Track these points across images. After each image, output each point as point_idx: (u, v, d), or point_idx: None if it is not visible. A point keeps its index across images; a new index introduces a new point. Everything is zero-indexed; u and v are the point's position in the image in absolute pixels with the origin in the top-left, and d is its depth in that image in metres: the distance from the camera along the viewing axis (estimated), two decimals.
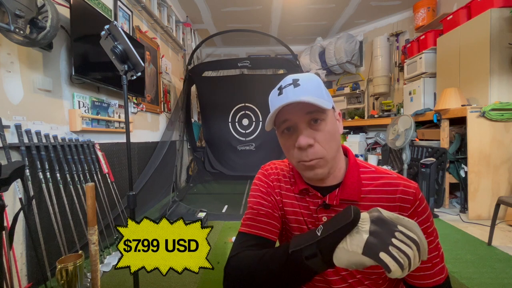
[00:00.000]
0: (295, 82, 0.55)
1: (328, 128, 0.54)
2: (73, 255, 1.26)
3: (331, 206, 0.58)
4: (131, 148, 1.24)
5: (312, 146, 0.53)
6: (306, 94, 0.52)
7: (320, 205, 0.59)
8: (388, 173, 0.60)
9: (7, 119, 1.35)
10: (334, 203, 0.57)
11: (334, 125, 0.56)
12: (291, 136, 0.56)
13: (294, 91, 0.53)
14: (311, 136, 0.53)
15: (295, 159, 0.56)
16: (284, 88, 0.55)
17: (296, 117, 0.54)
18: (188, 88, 3.89)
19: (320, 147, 0.54)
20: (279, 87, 0.57)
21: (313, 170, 0.55)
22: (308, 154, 0.53)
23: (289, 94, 0.53)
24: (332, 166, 0.57)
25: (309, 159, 0.53)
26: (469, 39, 2.62)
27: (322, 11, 4.02)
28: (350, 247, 0.37)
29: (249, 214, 0.62)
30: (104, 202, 1.91)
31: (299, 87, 0.53)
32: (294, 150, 0.55)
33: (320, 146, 0.54)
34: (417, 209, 0.54)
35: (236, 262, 0.53)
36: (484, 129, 2.35)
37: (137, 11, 2.78)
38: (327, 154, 0.54)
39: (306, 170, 0.56)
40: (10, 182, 0.74)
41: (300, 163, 0.56)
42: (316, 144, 0.53)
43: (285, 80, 0.57)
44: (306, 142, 0.52)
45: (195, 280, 1.50)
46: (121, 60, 1.15)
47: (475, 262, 1.64)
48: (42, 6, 1.39)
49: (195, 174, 4.19)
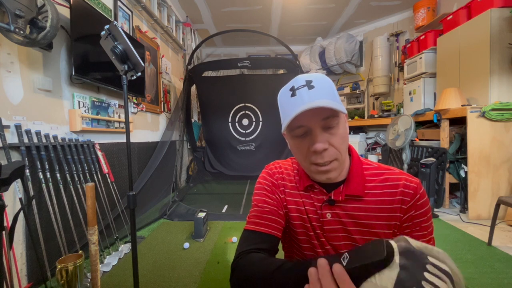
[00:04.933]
0: (308, 83, 0.53)
1: (341, 132, 0.55)
2: (73, 255, 1.27)
3: (336, 202, 0.59)
4: (131, 148, 1.24)
5: (327, 150, 0.54)
6: (322, 97, 0.51)
7: (325, 201, 0.60)
8: (391, 169, 0.61)
9: (7, 119, 1.35)
10: (339, 199, 0.58)
11: (345, 128, 0.57)
12: (304, 139, 0.55)
13: (309, 93, 0.52)
14: (326, 140, 0.53)
15: (308, 161, 0.56)
16: (298, 90, 0.53)
17: (311, 123, 0.53)
18: (188, 88, 3.89)
19: (334, 149, 0.54)
20: (291, 87, 0.55)
21: (326, 174, 0.56)
22: (324, 157, 0.54)
23: (304, 97, 0.52)
24: (342, 167, 0.58)
25: (324, 161, 0.54)
26: (469, 39, 2.62)
27: (322, 11, 4.02)
28: (379, 282, 0.34)
29: (254, 212, 0.63)
30: (104, 202, 1.91)
31: (313, 90, 0.52)
32: (308, 153, 0.55)
33: (334, 148, 0.54)
34: (416, 202, 0.55)
35: (245, 264, 0.53)
36: (484, 129, 2.35)
37: (137, 11, 2.78)
38: (340, 156, 0.55)
39: (318, 174, 0.56)
40: (10, 182, 0.74)
41: (314, 166, 0.56)
42: (330, 147, 0.54)
43: (297, 81, 0.55)
44: (322, 146, 0.53)
45: (195, 280, 1.50)
46: (121, 60, 1.15)
47: (475, 262, 1.63)
48: (42, 6, 1.39)
49: (195, 174, 4.19)
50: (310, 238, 0.62)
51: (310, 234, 0.62)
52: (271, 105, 3.65)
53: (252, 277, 0.50)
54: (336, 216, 0.59)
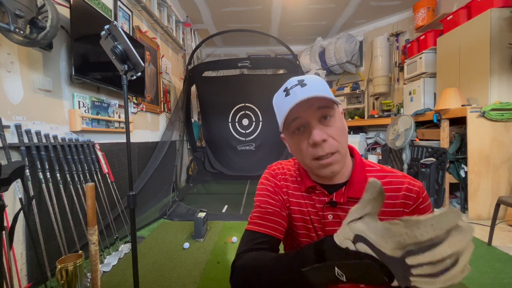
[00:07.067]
0: (300, 82, 0.54)
1: (338, 124, 0.55)
2: (73, 255, 1.27)
3: (338, 204, 0.59)
4: (131, 148, 1.24)
5: (326, 141, 0.53)
6: (315, 92, 0.52)
7: (327, 203, 0.59)
8: (394, 172, 0.60)
9: (7, 119, 1.35)
10: (341, 201, 0.58)
11: (342, 121, 0.57)
12: (302, 135, 0.56)
13: (302, 90, 0.53)
14: (324, 132, 0.54)
15: (309, 157, 0.56)
16: (291, 89, 0.54)
17: (307, 114, 0.54)
18: (188, 88, 3.89)
19: (333, 141, 0.54)
20: (284, 89, 0.56)
21: (329, 167, 0.55)
22: (324, 148, 0.53)
23: (297, 93, 0.53)
24: (344, 161, 0.58)
25: (325, 153, 0.53)
26: (469, 39, 2.62)
27: (322, 11, 4.02)
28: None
29: (256, 213, 0.62)
30: (104, 202, 1.91)
31: (306, 87, 0.53)
32: (308, 148, 0.55)
33: (334, 140, 0.54)
34: (419, 206, 0.55)
35: (244, 262, 0.53)
36: (484, 129, 2.35)
37: (137, 11, 2.78)
38: (341, 148, 0.55)
39: (321, 168, 0.56)
40: (10, 182, 0.74)
41: (315, 161, 0.55)
42: (329, 138, 0.54)
43: (290, 82, 0.56)
44: (320, 137, 0.52)
45: (195, 280, 1.50)
46: (121, 60, 1.15)
47: (475, 262, 1.63)
48: (42, 6, 1.39)
49: (195, 174, 4.19)
50: (312, 240, 0.62)
51: (311, 235, 0.62)
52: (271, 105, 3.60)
53: (251, 276, 0.50)
54: (338, 218, 0.59)
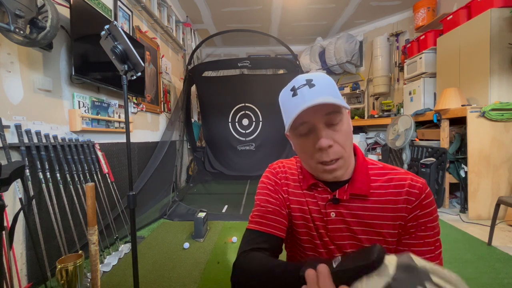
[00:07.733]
0: (309, 82, 0.53)
1: (345, 128, 0.55)
2: (73, 255, 1.27)
3: (340, 201, 0.59)
4: (131, 148, 1.24)
5: (332, 147, 0.53)
6: (323, 94, 0.51)
7: (329, 200, 0.59)
8: (396, 169, 0.60)
9: (7, 119, 1.35)
10: (344, 198, 0.58)
11: (349, 125, 0.57)
12: (308, 138, 0.55)
13: (310, 91, 0.52)
14: (330, 137, 0.53)
15: (314, 160, 0.56)
16: (299, 89, 0.53)
17: (314, 119, 0.53)
18: (188, 88, 3.89)
19: (339, 146, 0.54)
20: (292, 87, 0.55)
21: (333, 173, 0.55)
22: (329, 154, 0.53)
23: (305, 95, 0.52)
24: (347, 165, 0.58)
25: (330, 159, 0.53)
26: (469, 39, 2.62)
27: (322, 11, 4.02)
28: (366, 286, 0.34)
29: (257, 212, 0.62)
30: (104, 202, 1.91)
31: (314, 88, 0.52)
32: (313, 152, 0.55)
33: (339, 145, 0.54)
34: (421, 202, 0.55)
35: (245, 262, 0.53)
36: (484, 129, 2.35)
37: (137, 11, 2.78)
38: (346, 153, 0.55)
39: (325, 173, 0.56)
40: (10, 182, 0.74)
41: (320, 165, 0.55)
42: (335, 144, 0.53)
43: (298, 80, 0.55)
44: (327, 143, 0.52)
45: (195, 280, 1.50)
46: (121, 60, 1.15)
47: (475, 262, 1.63)
48: (42, 6, 1.39)
49: (195, 174, 4.19)
50: (313, 238, 0.61)
51: (312, 234, 0.61)
52: (271, 105, 3.65)
53: (252, 276, 0.50)
54: (340, 215, 0.59)
